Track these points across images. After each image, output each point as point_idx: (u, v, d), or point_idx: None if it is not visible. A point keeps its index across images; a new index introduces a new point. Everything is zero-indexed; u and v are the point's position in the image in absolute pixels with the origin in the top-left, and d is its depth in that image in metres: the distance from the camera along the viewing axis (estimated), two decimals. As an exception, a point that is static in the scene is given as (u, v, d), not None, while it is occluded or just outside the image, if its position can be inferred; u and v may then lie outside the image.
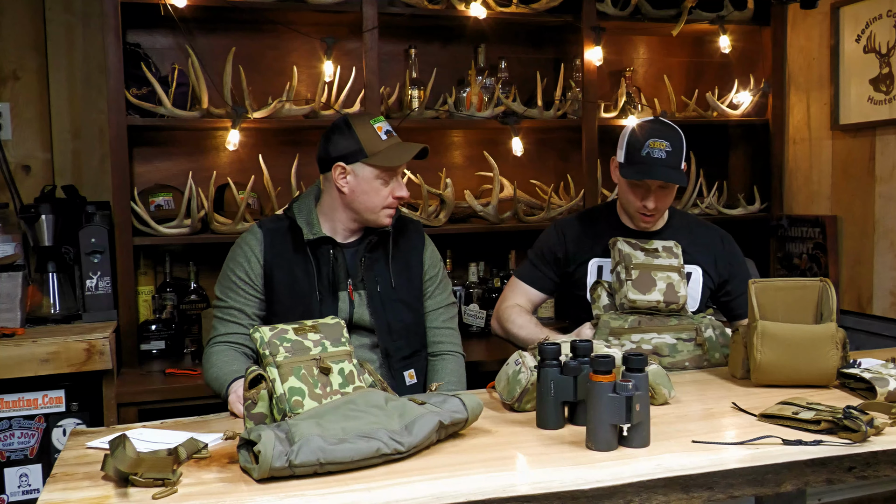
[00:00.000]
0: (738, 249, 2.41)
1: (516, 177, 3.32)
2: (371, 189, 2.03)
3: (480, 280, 3.25)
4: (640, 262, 2.14)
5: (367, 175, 2.02)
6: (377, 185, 2.03)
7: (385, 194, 2.04)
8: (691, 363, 2.14)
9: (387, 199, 2.05)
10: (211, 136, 3.12)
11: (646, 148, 2.16)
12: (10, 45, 2.95)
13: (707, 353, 2.15)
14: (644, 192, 2.21)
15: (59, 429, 2.50)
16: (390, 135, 2.06)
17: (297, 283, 2.05)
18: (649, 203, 2.20)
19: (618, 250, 2.18)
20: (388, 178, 2.04)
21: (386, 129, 2.05)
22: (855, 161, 3.16)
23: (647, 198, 2.20)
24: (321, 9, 2.90)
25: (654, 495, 1.36)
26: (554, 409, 1.63)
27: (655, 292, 2.11)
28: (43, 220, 2.77)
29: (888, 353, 2.14)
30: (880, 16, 3.02)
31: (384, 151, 2.02)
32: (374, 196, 2.04)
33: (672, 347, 2.13)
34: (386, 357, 2.07)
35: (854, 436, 1.50)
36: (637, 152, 2.18)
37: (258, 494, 1.30)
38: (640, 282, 2.12)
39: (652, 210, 2.22)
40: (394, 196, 2.05)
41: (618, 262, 2.17)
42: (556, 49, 3.48)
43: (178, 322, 2.93)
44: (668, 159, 2.16)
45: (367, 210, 2.05)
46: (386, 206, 2.06)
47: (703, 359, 2.16)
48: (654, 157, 2.15)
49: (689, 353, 2.14)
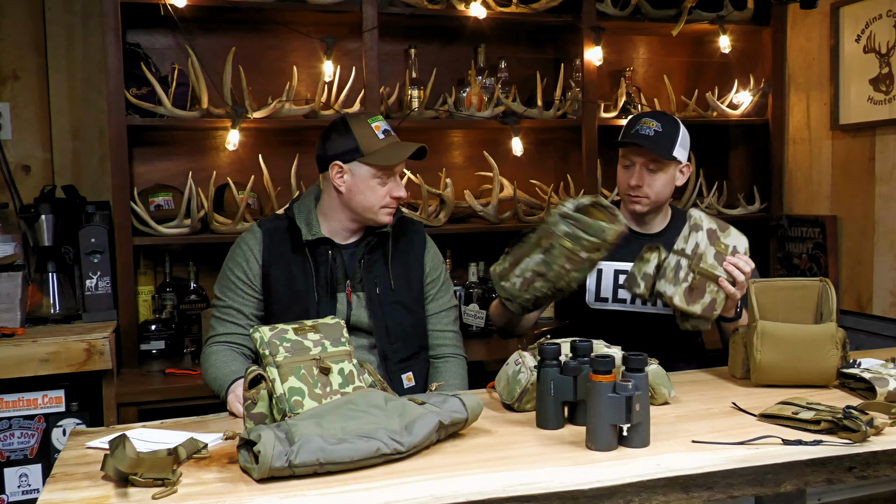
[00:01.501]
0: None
1: (516, 177, 3.32)
2: (368, 188, 2.03)
3: (480, 280, 3.25)
4: (706, 268, 1.95)
5: (364, 174, 2.02)
6: (374, 184, 2.03)
7: (382, 193, 2.04)
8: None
9: (384, 199, 2.04)
10: (211, 136, 3.12)
11: (637, 125, 2.24)
12: (10, 45, 2.95)
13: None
14: (631, 173, 2.24)
15: (58, 429, 2.50)
16: (388, 134, 2.05)
17: (294, 283, 2.05)
18: (632, 180, 2.22)
19: (694, 239, 1.97)
20: (386, 177, 2.04)
21: (384, 129, 2.05)
22: (855, 161, 3.16)
23: (632, 177, 2.23)
24: (321, 9, 2.90)
25: (654, 495, 1.36)
26: (554, 409, 1.63)
27: (698, 305, 1.97)
28: (43, 220, 2.77)
29: (888, 353, 2.14)
30: (880, 16, 3.02)
31: (381, 150, 2.01)
32: (371, 195, 2.03)
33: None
34: (383, 359, 2.07)
35: (854, 436, 1.50)
36: (628, 130, 2.26)
37: (258, 494, 1.30)
38: (693, 291, 1.95)
39: (636, 189, 2.22)
40: (392, 196, 2.05)
41: (685, 254, 1.96)
42: (556, 49, 3.48)
43: (178, 322, 2.93)
44: (655, 137, 2.20)
45: (365, 209, 2.05)
46: (384, 206, 2.05)
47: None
48: (642, 133, 2.21)
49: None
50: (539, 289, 1.92)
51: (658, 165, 2.21)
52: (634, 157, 2.23)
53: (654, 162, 2.21)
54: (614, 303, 2.27)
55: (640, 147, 2.19)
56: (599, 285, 2.28)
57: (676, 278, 1.94)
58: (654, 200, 2.25)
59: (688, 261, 1.95)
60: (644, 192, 2.23)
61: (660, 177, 2.23)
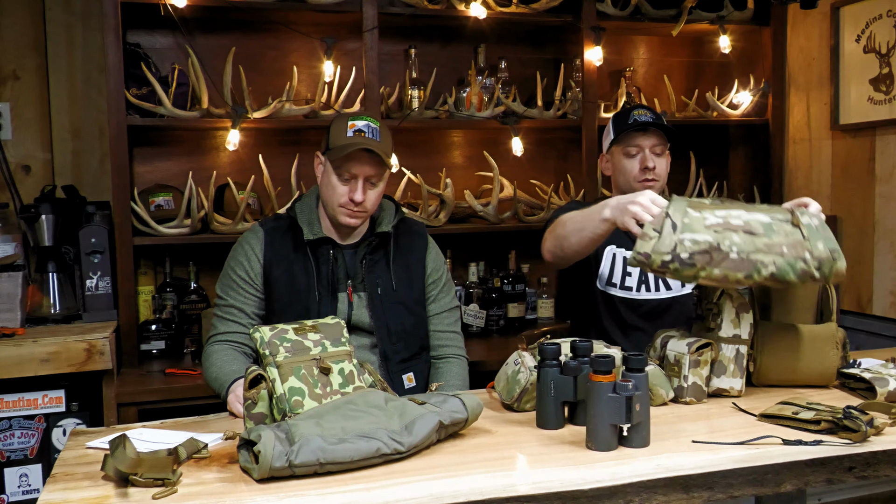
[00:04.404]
0: None
1: (516, 177, 3.32)
2: (328, 183, 2.04)
3: (480, 280, 3.25)
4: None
5: (329, 168, 2.04)
6: (333, 180, 2.02)
7: (341, 192, 2.01)
8: (790, 251, 1.67)
9: (342, 198, 2.01)
10: (211, 136, 3.12)
11: (632, 117, 2.27)
12: (10, 45, 2.95)
13: (808, 242, 1.69)
14: (642, 157, 2.27)
15: (59, 429, 2.50)
16: (359, 134, 2.00)
17: (295, 282, 2.05)
18: (649, 163, 2.25)
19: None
20: (346, 176, 2.00)
21: (358, 128, 2.01)
22: (855, 161, 3.16)
23: (646, 159, 2.25)
24: (321, 9, 2.90)
25: (654, 495, 1.36)
26: (554, 409, 1.63)
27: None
28: (43, 220, 2.77)
29: (888, 353, 2.14)
30: (880, 16, 3.02)
31: (339, 147, 2.00)
32: (330, 191, 2.03)
33: (767, 227, 1.68)
34: (384, 360, 2.07)
35: (854, 436, 1.50)
36: (624, 122, 2.28)
37: (258, 494, 1.30)
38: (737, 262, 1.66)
39: (651, 171, 2.25)
40: (350, 198, 2.01)
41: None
42: (556, 49, 3.48)
43: (178, 322, 2.93)
44: (656, 120, 2.26)
45: (327, 204, 2.07)
46: (341, 205, 2.02)
47: (803, 248, 1.68)
48: (641, 120, 2.25)
49: (786, 237, 1.68)
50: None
51: (662, 149, 2.29)
52: (642, 142, 2.26)
53: (659, 145, 2.28)
54: (621, 290, 2.28)
55: (645, 132, 2.24)
56: (613, 270, 2.29)
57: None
58: (661, 184, 2.30)
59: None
60: (658, 175, 2.27)
61: (663, 160, 2.31)
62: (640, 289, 2.27)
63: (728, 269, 1.63)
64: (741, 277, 1.64)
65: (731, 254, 1.64)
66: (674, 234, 1.63)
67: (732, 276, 1.64)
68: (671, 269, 1.62)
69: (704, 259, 1.62)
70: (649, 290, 2.27)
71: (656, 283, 2.28)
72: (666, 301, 2.27)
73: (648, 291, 2.27)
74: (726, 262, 1.63)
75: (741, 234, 1.66)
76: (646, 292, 2.27)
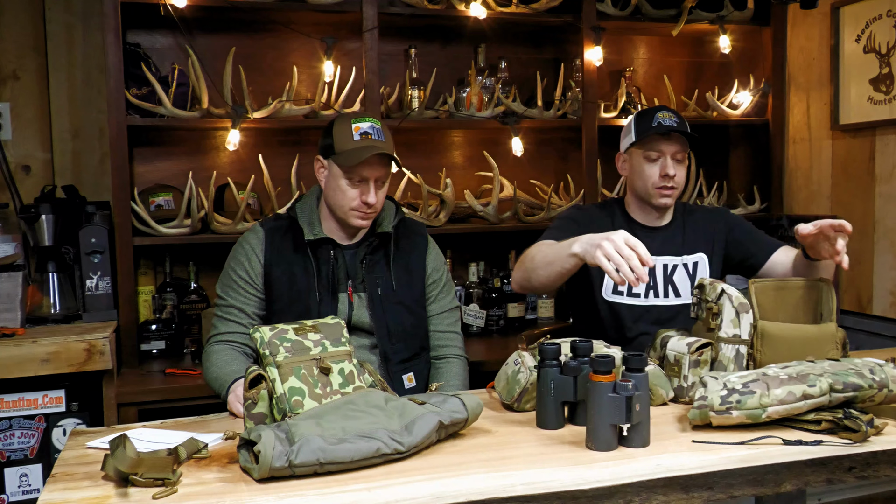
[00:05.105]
0: (735, 216, 2.39)
1: (516, 177, 3.32)
2: (338, 188, 2.02)
3: (480, 280, 3.25)
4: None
5: (336, 173, 2.02)
6: (343, 184, 2.01)
7: (352, 196, 2.01)
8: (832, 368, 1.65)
9: (353, 202, 2.02)
10: (211, 136, 3.12)
11: (656, 119, 2.19)
12: (10, 45, 2.95)
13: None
14: (663, 164, 2.20)
15: (59, 429, 2.50)
16: (366, 136, 2.00)
17: (296, 282, 2.05)
18: (670, 170, 2.18)
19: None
20: (356, 180, 2.00)
21: (363, 131, 2.00)
22: (855, 161, 3.16)
23: (667, 167, 2.19)
24: (321, 9, 2.90)
25: (654, 495, 1.36)
26: (554, 409, 1.63)
27: None
28: (43, 220, 2.77)
29: (888, 353, 2.13)
30: (880, 16, 3.02)
31: (348, 151, 1.99)
32: (340, 195, 2.03)
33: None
34: (384, 360, 2.07)
35: (854, 436, 1.50)
36: (648, 124, 2.20)
37: (258, 494, 1.30)
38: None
39: (672, 179, 2.19)
40: (362, 201, 2.02)
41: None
42: (556, 49, 3.48)
43: (178, 322, 2.93)
44: (680, 125, 2.19)
45: (337, 207, 2.05)
46: (353, 209, 2.02)
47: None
48: (666, 123, 2.18)
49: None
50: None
51: (683, 155, 2.23)
52: (665, 148, 2.20)
53: (681, 152, 2.21)
54: (629, 297, 2.25)
55: (668, 137, 2.18)
56: None
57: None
58: (679, 192, 2.26)
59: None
60: (676, 181, 2.22)
61: (683, 167, 2.25)
62: (647, 295, 2.24)
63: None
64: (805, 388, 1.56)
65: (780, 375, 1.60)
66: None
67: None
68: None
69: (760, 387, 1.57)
70: (657, 297, 2.24)
71: (665, 289, 2.25)
72: (675, 307, 2.24)
73: (657, 297, 2.24)
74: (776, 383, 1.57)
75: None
76: (654, 298, 2.24)
